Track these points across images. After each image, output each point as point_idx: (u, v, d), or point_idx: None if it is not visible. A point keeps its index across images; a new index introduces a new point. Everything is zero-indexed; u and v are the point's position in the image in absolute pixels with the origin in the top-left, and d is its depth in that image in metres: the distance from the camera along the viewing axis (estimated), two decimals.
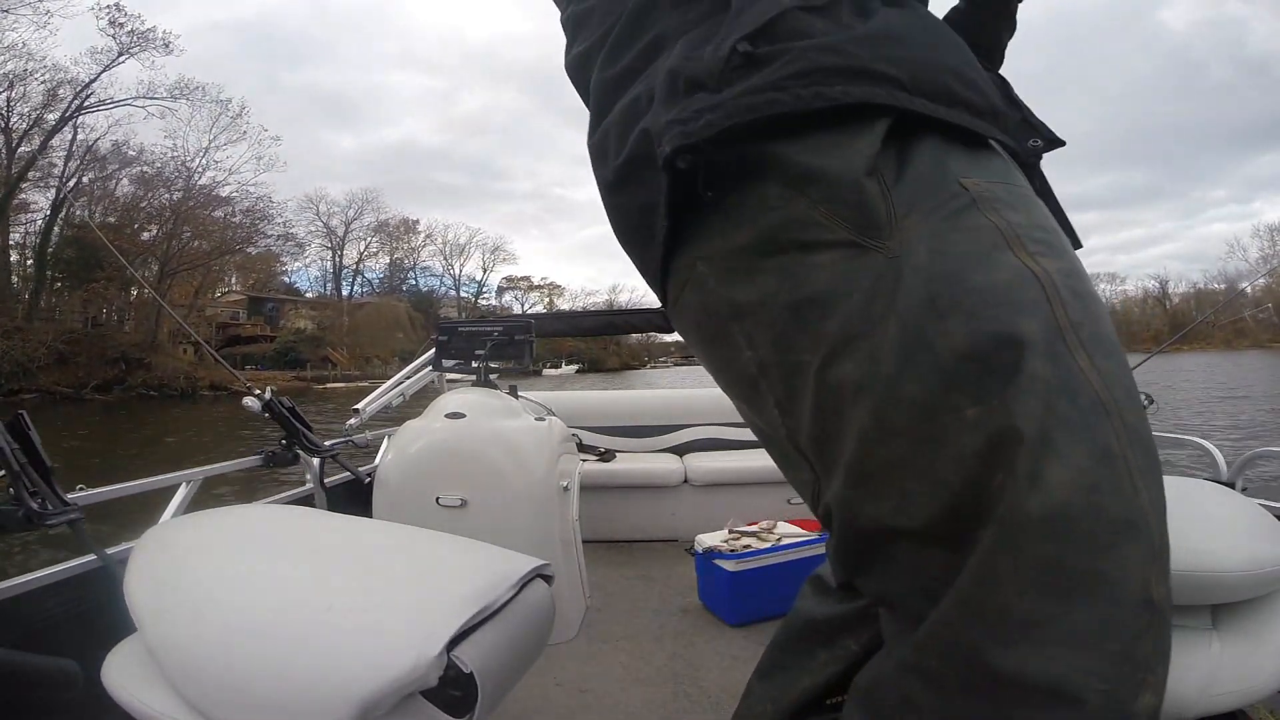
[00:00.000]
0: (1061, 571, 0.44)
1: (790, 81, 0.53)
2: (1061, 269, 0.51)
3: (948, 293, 0.49)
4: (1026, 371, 0.46)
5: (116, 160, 33.19)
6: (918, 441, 0.48)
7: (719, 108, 0.54)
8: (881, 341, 0.50)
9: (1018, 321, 0.47)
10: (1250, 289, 16.67)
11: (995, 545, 0.46)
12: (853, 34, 0.55)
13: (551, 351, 50.64)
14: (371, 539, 1.16)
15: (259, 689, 0.80)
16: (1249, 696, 0.97)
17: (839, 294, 0.52)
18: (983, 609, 0.46)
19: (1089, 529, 0.45)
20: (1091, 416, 0.46)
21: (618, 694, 1.67)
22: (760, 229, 0.55)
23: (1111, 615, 0.45)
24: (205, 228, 36.08)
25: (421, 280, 61.50)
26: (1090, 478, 0.45)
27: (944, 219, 0.52)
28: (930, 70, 0.56)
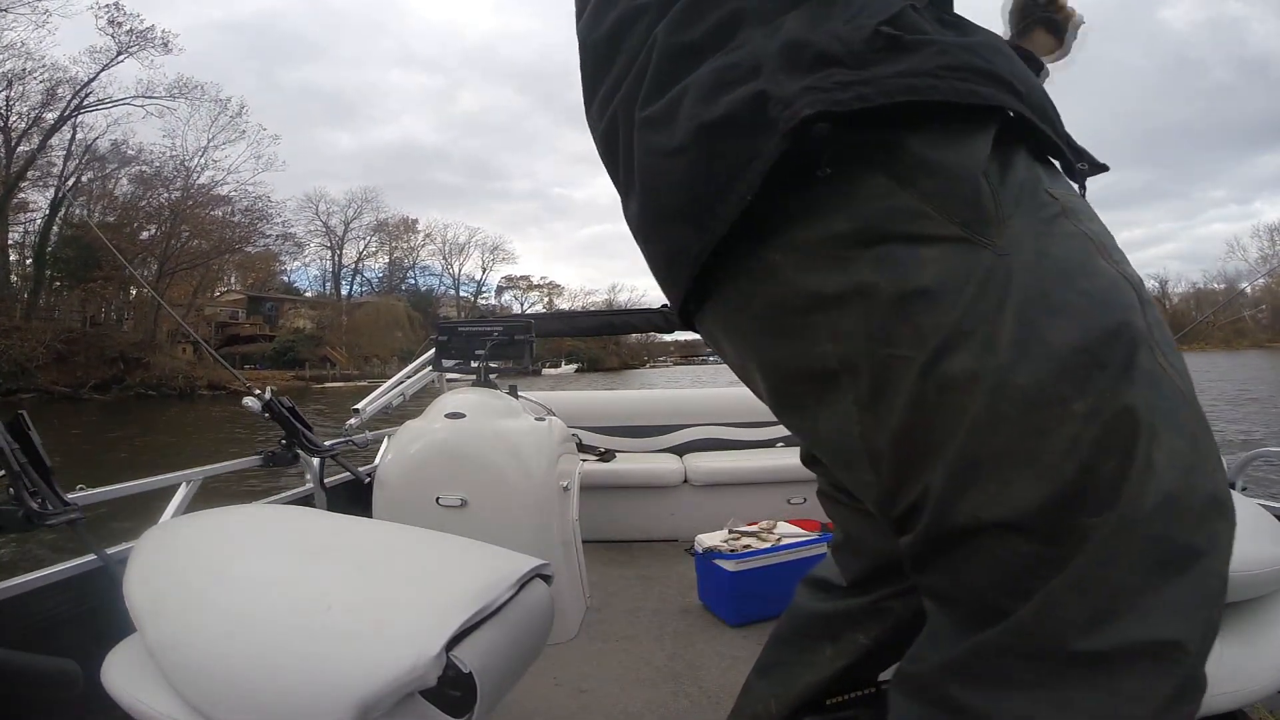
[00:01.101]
0: (1168, 547, 0.48)
1: (946, 72, 0.53)
2: (1137, 275, 0.55)
3: (1058, 290, 0.51)
4: (1138, 365, 0.50)
5: (115, 159, 33.20)
6: (1028, 432, 0.49)
7: (872, 83, 0.52)
8: (996, 334, 0.50)
9: (1125, 319, 0.51)
10: (1250, 289, 16.70)
11: (1115, 529, 0.48)
12: (977, 40, 0.57)
13: (551, 351, 50.62)
14: (371, 539, 1.16)
15: (258, 689, 0.81)
16: (1249, 696, 0.97)
17: (950, 288, 0.51)
18: (1087, 592, 0.48)
19: (1188, 507, 0.48)
20: (1181, 406, 0.51)
21: (618, 694, 1.67)
22: (863, 217, 0.54)
23: (1206, 584, 0.48)
24: (204, 227, 36.05)
25: (421, 280, 61.54)
26: (1187, 460, 0.49)
27: (1043, 223, 0.54)
28: (1033, 88, 0.58)
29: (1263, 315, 49.19)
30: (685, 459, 3.14)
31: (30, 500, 1.13)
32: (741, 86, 0.56)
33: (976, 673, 0.52)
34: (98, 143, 32.30)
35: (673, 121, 0.60)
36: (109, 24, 30.58)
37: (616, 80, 0.69)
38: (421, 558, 1.07)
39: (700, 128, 0.58)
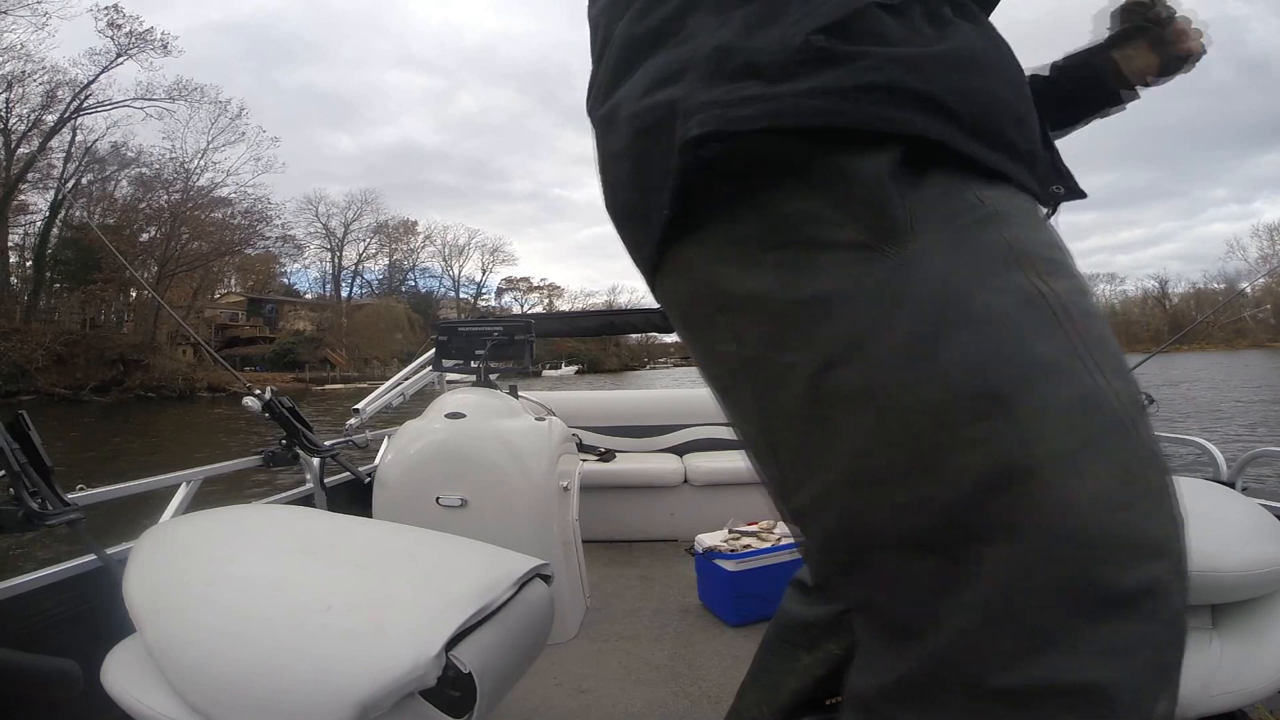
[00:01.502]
0: (1090, 588, 0.44)
1: (860, 94, 0.50)
2: (1071, 289, 0.51)
3: (957, 307, 0.48)
4: (1035, 395, 0.46)
5: (115, 161, 33.28)
6: (915, 454, 0.48)
7: (776, 100, 0.51)
8: (885, 350, 0.49)
9: (1028, 342, 0.47)
10: (1250, 289, 16.71)
11: (1018, 562, 0.45)
12: (932, 51, 0.53)
13: (551, 353, 50.66)
14: (371, 539, 1.16)
15: (258, 689, 0.80)
16: (1249, 696, 0.97)
17: (844, 297, 0.50)
18: (1001, 626, 0.45)
19: (1117, 547, 0.45)
20: (1113, 435, 0.47)
21: (617, 694, 1.67)
22: (765, 219, 0.53)
23: (1142, 629, 0.45)
24: (204, 229, 36.09)
25: (421, 281, 61.61)
26: (1116, 496, 0.45)
27: (957, 231, 0.51)
28: (994, 110, 0.55)
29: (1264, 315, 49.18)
30: (685, 459, 3.14)
31: (30, 500, 1.13)
32: (663, 91, 0.56)
33: (911, 703, 0.50)
34: (97, 145, 32.41)
35: (615, 123, 0.60)
36: (108, 26, 30.69)
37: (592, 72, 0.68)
38: (421, 558, 1.07)
39: (633, 133, 0.58)
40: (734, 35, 0.54)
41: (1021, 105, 0.57)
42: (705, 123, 0.52)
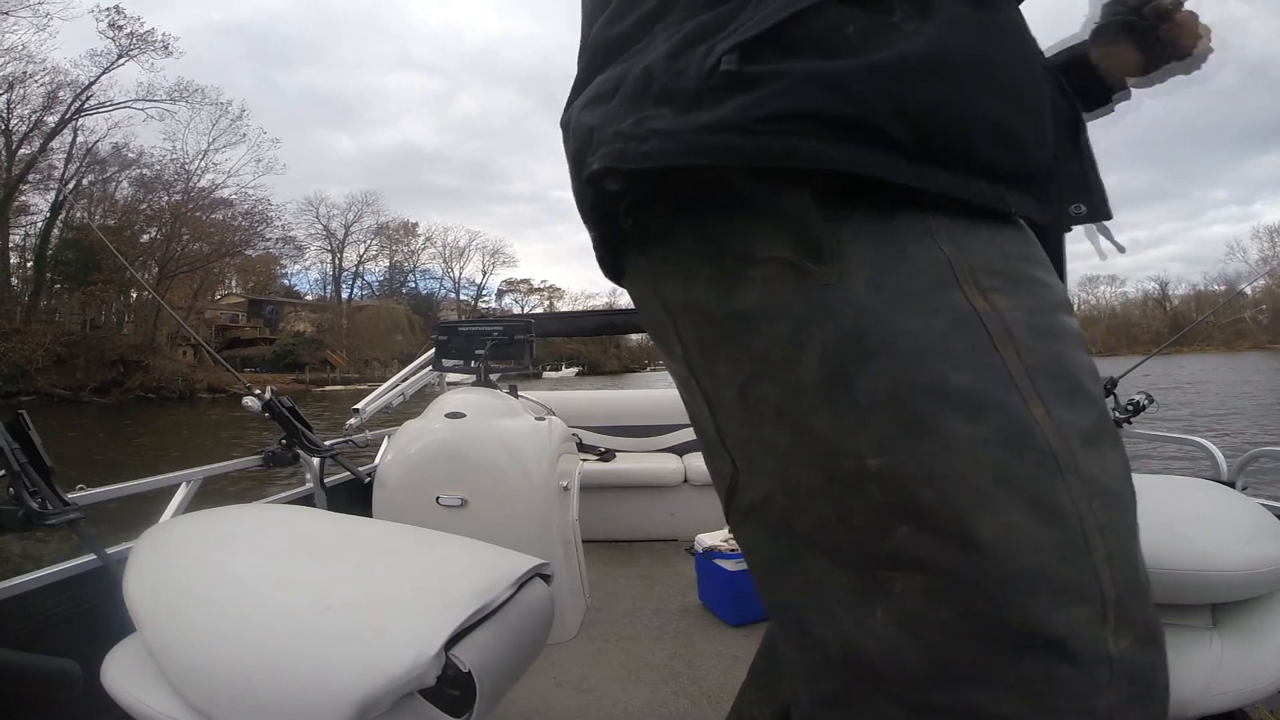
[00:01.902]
0: (1000, 625, 0.43)
1: (762, 125, 0.47)
2: (1020, 306, 0.48)
3: (876, 332, 0.46)
4: (944, 430, 0.44)
5: (116, 162, 33.29)
6: (830, 475, 0.47)
7: (672, 138, 0.49)
8: (803, 373, 0.48)
9: (945, 373, 0.45)
10: (1250, 290, 16.74)
11: (922, 592, 0.44)
12: (870, 61, 0.47)
13: (551, 354, 50.66)
14: (371, 539, 1.16)
15: (258, 688, 0.80)
16: (1249, 696, 0.96)
17: (767, 315, 0.49)
18: (922, 642, 0.45)
19: (1025, 587, 0.43)
20: (1036, 472, 0.44)
21: (617, 694, 1.67)
22: (698, 233, 0.53)
23: (1059, 672, 0.43)
24: (204, 230, 36.09)
25: (421, 283, 61.60)
26: (1030, 538, 0.43)
27: (890, 246, 0.48)
28: (955, 125, 0.48)
29: (1263, 316, 49.20)
30: (685, 459, 3.13)
31: (30, 500, 1.13)
32: (592, 111, 0.56)
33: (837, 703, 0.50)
34: (98, 146, 32.41)
35: (566, 134, 0.60)
36: (109, 27, 30.71)
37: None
38: (421, 557, 1.07)
39: (569, 153, 0.58)
40: (668, 52, 0.52)
41: (1011, 113, 0.50)
42: (604, 158, 0.51)
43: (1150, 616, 0.46)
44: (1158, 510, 1.13)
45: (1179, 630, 0.99)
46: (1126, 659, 0.44)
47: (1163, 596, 0.98)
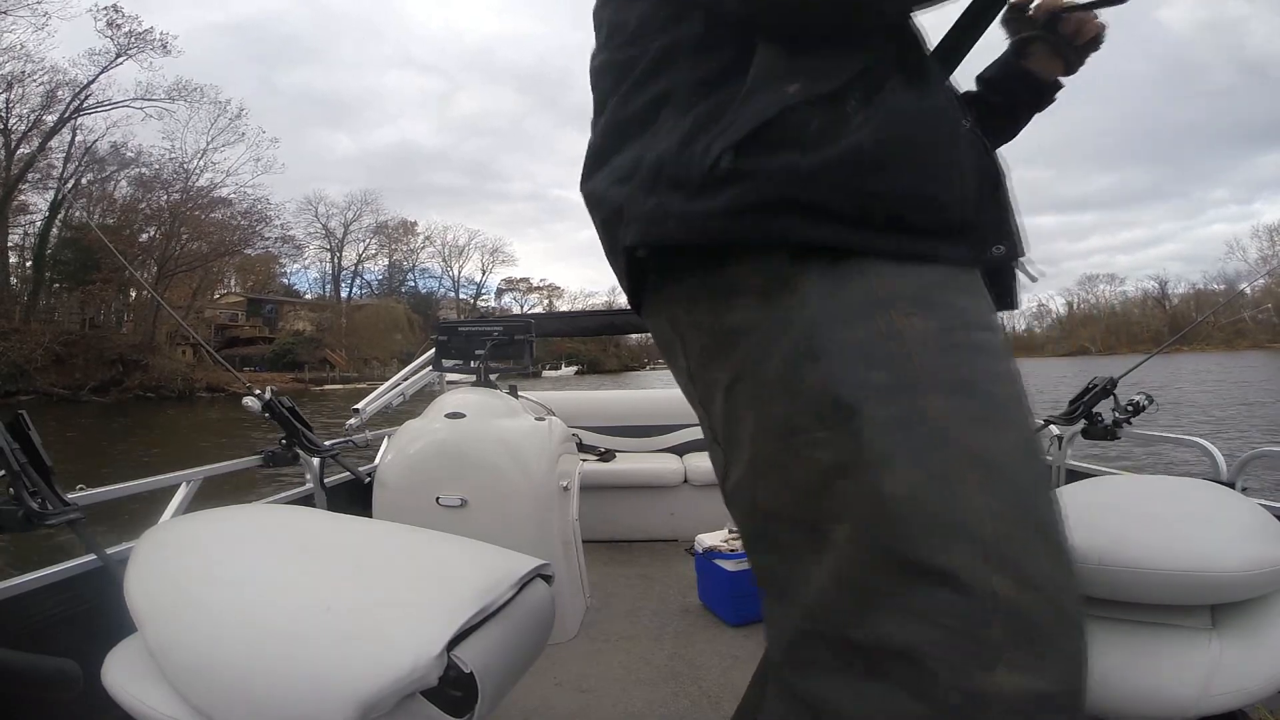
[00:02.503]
0: (899, 560, 0.57)
1: (749, 211, 0.64)
2: (932, 325, 0.63)
3: (821, 341, 0.62)
4: (865, 412, 0.59)
5: (115, 162, 33.25)
6: (786, 449, 0.63)
7: (685, 221, 0.66)
8: (769, 371, 0.64)
9: (863, 371, 0.61)
10: (1250, 290, 16.73)
11: (848, 537, 0.59)
12: (828, 158, 0.63)
13: (551, 353, 50.63)
14: (371, 539, 1.16)
15: (259, 689, 0.80)
16: (1249, 696, 0.96)
17: (747, 330, 0.66)
18: (844, 586, 0.59)
19: (917, 528, 0.57)
20: (928, 444, 0.59)
21: (618, 694, 1.67)
22: (699, 276, 0.70)
23: (942, 598, 0.56)
24: (203, 229, 36.06)
25: (421, 282, 61.60)
26: (921, 491, 0.57)
27: (836, 282, 0.64)
28: (889, 200, 0.65)
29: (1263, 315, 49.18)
30: (685, 459, 3.13)
31: (30, 500, 1.13)
32: (618, 189, 0.72)
33: (798, 659, 0.63)
34: (97, 145, 32.38)
35: (593, 203, 0.77)
36: (108, 26, 30.68)
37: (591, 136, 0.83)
38: (422, 558, 1.07)
39: (600, 221, 0.76)
40: (675, 144, 0.68)
41: (933, 185, 0.66)
42: (634, 235, 0.69)
43: (1036, 569, 0.58)
44: (1157, 511, 1.13)
45: (1178, 631, 0.99)
46: (1009, 596, 0.56)
47: (1162, 597, 0.98)
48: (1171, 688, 0.94)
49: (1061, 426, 2.29)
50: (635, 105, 0.74)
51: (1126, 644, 0.99)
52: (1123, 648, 0.99)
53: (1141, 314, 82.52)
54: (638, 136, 0.73)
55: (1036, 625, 0.57)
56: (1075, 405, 2.19)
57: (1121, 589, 0.99)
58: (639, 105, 0.74)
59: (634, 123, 0.74)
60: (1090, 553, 1.00)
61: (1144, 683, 0.96)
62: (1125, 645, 0.99)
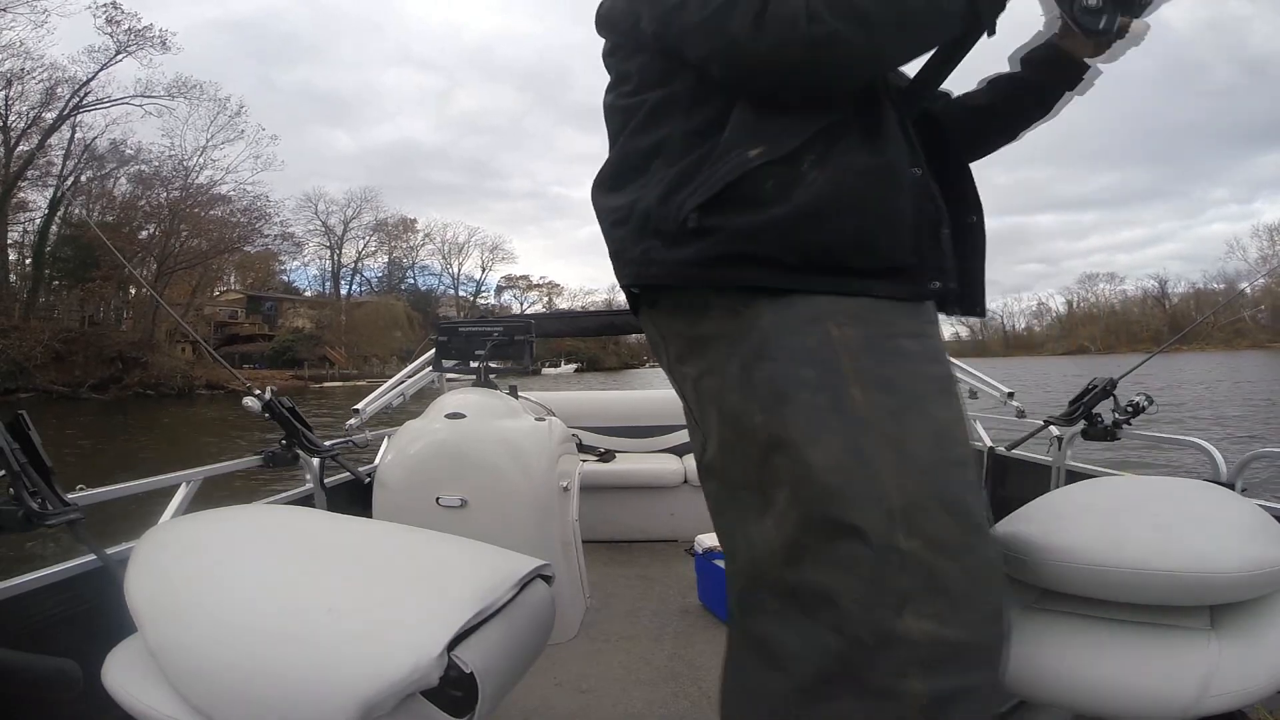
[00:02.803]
0: (822, 518, 0.71)
1: (713, 262, 0.80)
2: (866, 334, 0.77)
3: (770, 346, 0.77)
4: (797, 398, 0.74)
5: (114, 159, 33.21)
6: (740, 430, 0.79)
7: (664, 267, 0.84)
8: (729, 370, 0.80)
9: (798, 369, 0.76)
10: (1250, 289, 16.72)
11: (785, 500, 0.73)
12: (777, 216, 0.78)
13: (550, 351, 50.58)
14: (371, 539, 1.16)
15: (260, 689, 0.80)
16: (1249, 696, 0.96)
17: (715, 337, 0.83)
18: (782, 534, 0.73)
19: (836, 493, 0.70)
20: (850, 427, 0.72)
21: (618, 694, 1.67)
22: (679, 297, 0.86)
23: (855, 551, 0.69)
24: (203, 226, 36.00)
25: (420, 279, 61.58)
26: (839, 462, 0.71)
27: (786, 301, 0.79)
28: (830, 249, 0.79)
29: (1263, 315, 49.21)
30: (685, 459, 3.13)
31: (30, 500, 1.13)
32: (617, 230, 0.89)
33: (748, 604, 0.78)
34: (97, 142, 32.33)
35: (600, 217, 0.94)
36: (107, 23, 30.62)
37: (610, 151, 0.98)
38: (422, 558, 1.07)
39: (609, 250, 0.92)
40: (658, 197, 0.83)
41: (872, 234, 0.80)
42: (628, 277, 0.89)
43: (946, 536, 0.70)
44: (1157, 511, 1.13)
45: (1177, 631, 0.99)
46: (916, 554, 0.68)
47: (1161, 597, 0.98)
48: (1171, 688, 0.94)
49: (1061, 427, 2.29)
50: (635, 150, 0.89)
51: (1126, 644, 0.99)
52: (1122, 648, 0.99)
53: (1141, 313, 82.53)
54: (634, 180, 0.87)
55: (944, 582, 0.68)
56: (1075, 406, 2.19)
57: (1121, 589, 0.99)
58: (638, 151, 0.88)
59: (633, 168, 0.88)
60: (1090, 553, 1.00)
61: (1143, 683, 0.95)
62: (1124, 645, 0.99)
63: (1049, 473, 2.37)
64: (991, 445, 2.78)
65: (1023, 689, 1.04)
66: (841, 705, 0.68)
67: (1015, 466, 2.63)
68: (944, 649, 0.67)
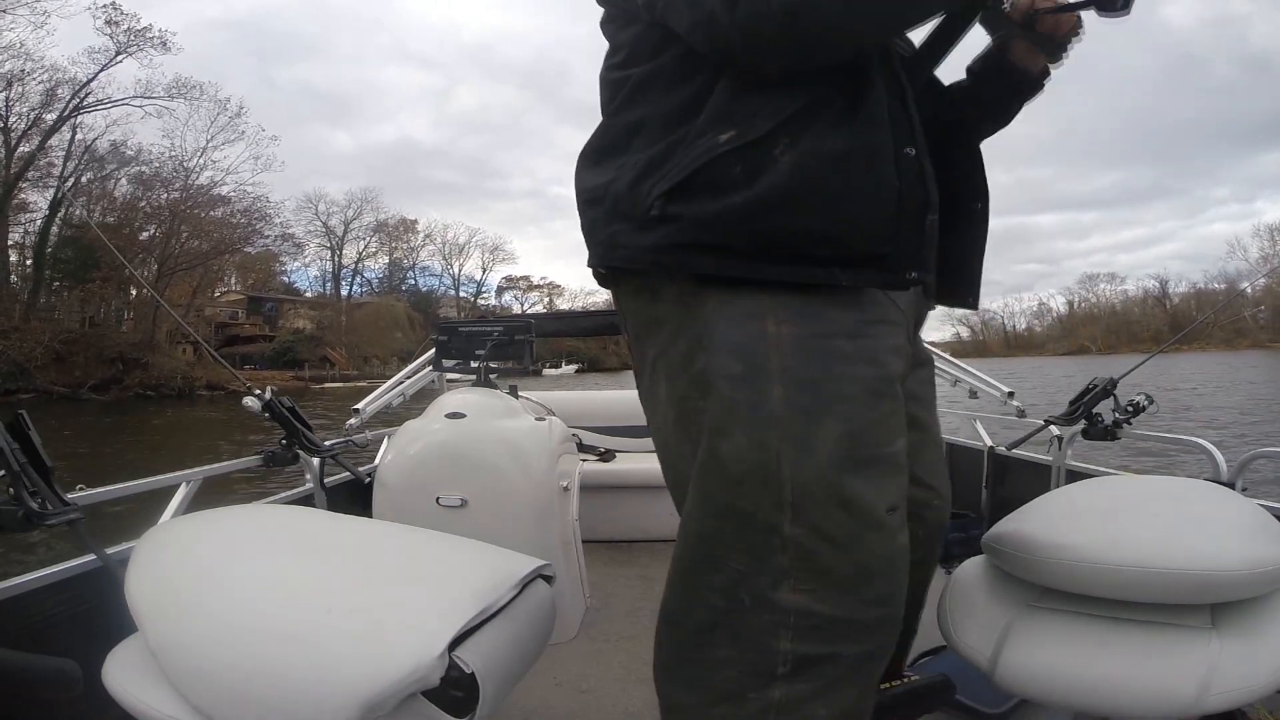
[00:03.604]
0: (722, 503, 0.81)
1: (668, 249, 0.83)
2: (803, 333, 0.80)
3: (710, 337, 0.82)
4: (719, 391, 0.80)
5: (115, 160, 33.18)
6: (683, 412, 0.86)
7: (629, 250, 0.86)
8: (676, 354, 0.87)
9: (726, 362, 0.80)
10: (1250, 289, 16.73)
11: (697, 484, 0.83)
12: (734, 203, 0.78)
13: (551, 351, 50.56)
14: (371, 539, 1.16)
15: (260, 689, 0.80)
16: (1249, 696, 0.96)
17: (667, 320, 0.88)
18: (689, 521, 0.85)
19: (735, 481, 0.79)
20: (761, 420, 0.78)
21: (618, 694, 1.67)
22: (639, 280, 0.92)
23: (749, 534, 0.79)
24: (203, 227, 36.00)
25: (421, 280, 61.57)
26: (743, 455, 0.78)
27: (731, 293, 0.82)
28: (788, 237, 0.80)
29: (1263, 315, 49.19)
30: None
31: (30, 500, 1.13)
32: (592, 210, 0.91)
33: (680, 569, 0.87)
34: (97, 143, 32.31)
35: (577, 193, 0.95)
36: (107, 24, 30.58)
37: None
38: (422, 558, 1.07)
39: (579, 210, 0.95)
40: (629, 183, 0.85)
41: (840, 222, 0.79)
42: (595, 258, 0.93)
43: (835, 530, 0.77)
44: (1157, 511, 1.13)
45: (1178, 630, 0.99)
46: (797, 539, 0.77)
47: (1162, 596, 0.98)
48: (1171, 687, 0.94)
49: (1061, 427, 2.29)
50: (617, 126, 0.90)
51: (1126, 644, 0.99)
52: (1122, 648, 0.99)
53: (1142, 313, 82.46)
54: (614, 158, 0.88)
55: (824, 566, 0.78)
56: (1075, 406, 2.19)
57: (1121, 589, 0.99)
58: (619, 127, 0.90)
59: (613, 144, 0.90)
60: (1090, 551, 1.00)
61: (1143, 682, 0.95)
62: (1125, 645, 0.99)
63: (1049, 472, 2.37)
64: (992, 445, 2.79)
65: (1023, 688, 1.04)
66: (721, 652, 0.82)
67: (1015, 466, 2.63)
68: (815, 620, 0.78)
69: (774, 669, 0.79)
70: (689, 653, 0.85)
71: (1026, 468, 2.56)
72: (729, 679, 0.81)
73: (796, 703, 0.79)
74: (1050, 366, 49.38)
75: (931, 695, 1.19)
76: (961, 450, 3.03)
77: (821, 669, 0.79)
